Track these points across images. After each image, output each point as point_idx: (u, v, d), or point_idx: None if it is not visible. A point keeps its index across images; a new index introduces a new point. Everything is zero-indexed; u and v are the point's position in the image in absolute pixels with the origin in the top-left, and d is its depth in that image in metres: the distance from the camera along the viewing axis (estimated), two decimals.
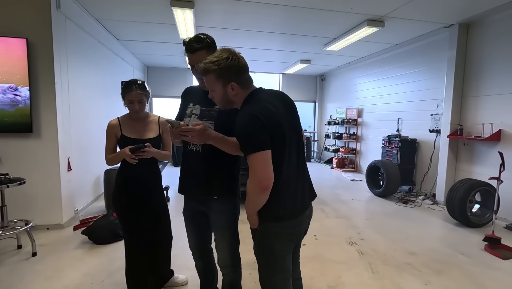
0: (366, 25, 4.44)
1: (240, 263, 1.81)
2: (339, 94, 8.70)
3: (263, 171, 1.24)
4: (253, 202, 1.32)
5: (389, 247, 3.13)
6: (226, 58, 1.29)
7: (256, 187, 1.26)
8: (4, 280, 2.40)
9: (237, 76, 1.33)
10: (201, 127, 1.43)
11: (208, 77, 1.33)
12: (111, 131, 1.99)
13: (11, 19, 3.14)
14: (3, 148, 3.25)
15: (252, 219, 1.38)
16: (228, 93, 1.35)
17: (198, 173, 1.63)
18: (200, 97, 1.68)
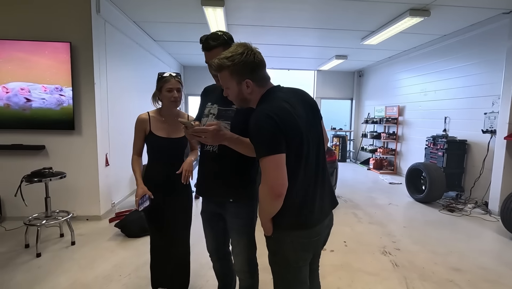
0: (409, 15, 4.05)
1: (257, 269, 1.74)
2: (378, 91, 8.17)
3: (276, 176, 1.15)
4: (265, 209, 1.24)
5: (429, 260, 2.83)
6: (241, 54, 1.21)
7: (268, 193, 1.17)
8: (45, 265, 2.60)
9: (253, 73, 1.24)
10: (214, 127, 1.36)
11: (222, 73, 1.26)
12: (140, 126, 1.91)
13: (57, 25, 3.40)
14: (49, 142, 3.55)
15: (266, 226, 1.29)
16: (243, 91, 1.27)
17: (215, 175, 1.59)
18: (218, 96, 1.62)
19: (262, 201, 1.23)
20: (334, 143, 8.97)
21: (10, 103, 3.39)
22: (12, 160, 3.50)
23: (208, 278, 2.43)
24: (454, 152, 4.92)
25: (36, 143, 3.51)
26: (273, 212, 1.23)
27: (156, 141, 1.90)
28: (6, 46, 3.31)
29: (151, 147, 1.93)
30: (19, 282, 2.33)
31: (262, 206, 1.25)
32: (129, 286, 2.31)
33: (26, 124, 3.44)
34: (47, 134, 3.53)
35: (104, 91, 3.81)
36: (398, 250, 3.03)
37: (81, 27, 3.43)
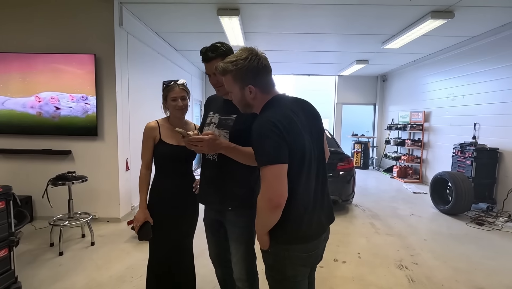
0: (430, 17, 3.89)
1: (256, 278, 1.72)
2: (403, 96, 7.86)
3: (276, 186, 1.11)
4: (263, 220, 1.20)
5: (450, 277, 2.65)
6: (245, 59, 1.20)
7: (266, 204, 1.14)
8: (66, 264, 2.77)
9: (256, 79, 1.22)
10: (210, 137, 1.39)
11: (226, 77, 1.25)
12: (150, 134, 1.85)
13: (83, 38, 3.65)
14: (75, 148, 3.79)
15: (262, 240, 1.25)
16: (245, 96, 1.25)
17: (214, 182, 1.61)
18: (219, 106, 1.66)
19: (259, 212, 1.19)
20: (355, 150, 8.72)
21: (41, 112, 3.68)
22: (42, 163, 3.77)
23: (215, 283, 2.44)
24: (484, 161, 4.60)
25: (63, 148, 3.77)
26: (270, 225, 1.19)
27: (166, 149, 1.83)
28: (39, 59, 3.61)
29: (160, 155, 1.85)
30: (41, 279, 2.49)
31: (260, 217, 1.21)
32: (138, 288, 2.39)
33: (54, 131, 3.71)
34: (73, 140, 3.77)
35: (125, 100, 4.02)
36: (416, 264, 2.87)
37: (105, 39, 3.66)
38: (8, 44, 3.65)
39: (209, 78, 1.60)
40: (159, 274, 1.92)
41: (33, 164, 3.78)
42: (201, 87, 8.93)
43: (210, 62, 1.54)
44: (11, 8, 3.62)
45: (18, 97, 3.66)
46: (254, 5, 3.86)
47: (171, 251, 1.90)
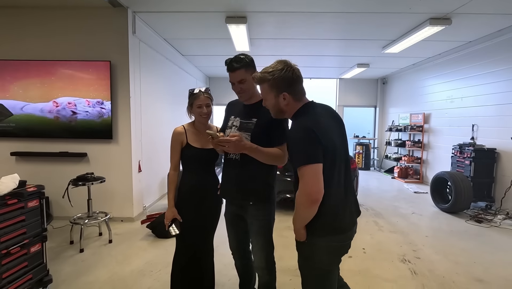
0: (429, 24, 4.08)
1: (274, 266, 1.89)
2: (402, 98, 8.04)
3: (314, 183, 1.24)
4: (301, 215, 1.32)
5: (450, 269, 2.81)
6: (281, 70, 1.36)
7: (306, 200, 1.26)
8: (87, 260, 2.93)
9: (290, 87, 1.38)
10: (236, 138, 1.57)
11: (263, 86, 1.42)
12: (178, 138, 1.97)
13: (99, 46, 3.83)
14: (91, 150, 3.96)
15: (300, 233, 1.36)
16: (279, 103, 1.40)
17: (237, 180, 1.77)
18: (240, 110, 1.84)
19: (298, 207, 1.31)
20: (357, 151, 8.89)
21: (59, 116, 3.85)
22: (59, 165, 3.94)
23: (230, 276, 2.61)
24: (482, 161, 4.77)
25: (80, 151, 3.94)
26: (308, 218, 1.31)
27: (193, 152, 1.97)
28: (57, 66, 3.79)
29: (188, 157, 1.99)
30: (67, 273, 2.65)
31: (299, 212, 1.32)
32: (160, 280, 2.55)
33: (71, 134, 3.88)
34: (89, 143, 3.94)
35: (138, 104, 4.19)
36: (418, 258, 3.04)
37: (119, 47, 3.84)
38: (28, 52, 3.83)
39: (232, 86, 1.76)
40: (183, 266, 2.05)
41: (50, 166, 3.94)
42: None
43: (234, 72, 1.70)
44: (32, 19, 3.81)
45: (36, 103, 3.83)
46: (261, 13, 4.05)
47: (197, 243, 2.04)
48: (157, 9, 3.92)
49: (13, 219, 1.95)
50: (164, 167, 5.17)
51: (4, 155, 3.89)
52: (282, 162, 1.72)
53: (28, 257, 2.07)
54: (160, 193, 5.23)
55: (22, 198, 2.01)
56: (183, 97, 6.83)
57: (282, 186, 4.47)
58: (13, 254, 1.94)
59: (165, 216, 1.97)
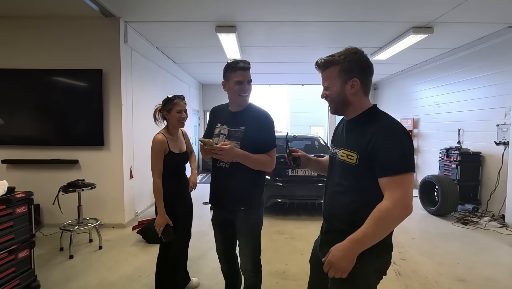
0: (412, 32, 4.23)
1: (260, 269, 1.93)
2: (393, 103, 8.20)
3: (411, 194, 1.10)
4: (386, 229, 1.10)
5: (434, 270, 2.88)
6: (354, 53, 1.18)
7: (403, 211, 1.07)
8: (76, 266, 2.95)
9: (362, 74, 1.19)
10: (229, 146, 1.60)
11: (329, 71, 1.21)
12: (162, 147, 2.01)
13: (91, 54, 3.90)
14: (83, 157, 4.00)
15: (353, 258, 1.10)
16: (346, 91, 1.19)
17: (228, 188, 1.80)
18: (226, 118, 1.84)
19: (388, 221, 1.07)
20: None
21: (51, 123, 3.89)
22: (51, 172, 3.96)
23: (218, 280, 2.65)
24: (468, 164, 4.89)
25: (71, 158, 3.97)
26: (387, 233, 1.12)
27: (174, 158, 2.10)
28: (51, 74, 3.85)
29: (170, 164, 2.08)
30: (56, 279, 2.67)
31: (385, 226, 1.08)
32: (148, 285, 2.58)
33: (62, 141, 3.92)
34: (80, 150, 3.98)
35: (129, 111, 4.25)
36: (403, 260, 3.10)
37: (111, 56, 3.91)
38: (22, 61, 3.88)
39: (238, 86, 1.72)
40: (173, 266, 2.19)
41: (42, 173, 3.96)
42: (199, 98, 9.21)
43: (247, 71, 1.73)
44: (27, 29, 3.88)
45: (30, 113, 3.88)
46: (249, 23, 4.17)
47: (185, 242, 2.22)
48: (148, 19, 4.01)
49: (0, 225, 1.98)
50: None
51: None
52: (270, 167, 1.78)
53: (16, 262, 2.10)
54: (152, 199, 5.20)
55: (10, 204, 2.05)
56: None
57: (273, 190, 4.54)
58: (1, 259, 1.97)
59: (157, 224, 2.02)
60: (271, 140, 1.77)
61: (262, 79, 8.62)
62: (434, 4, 3.49)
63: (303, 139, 6.05)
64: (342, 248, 1.11)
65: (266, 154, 1.75)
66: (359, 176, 1.18)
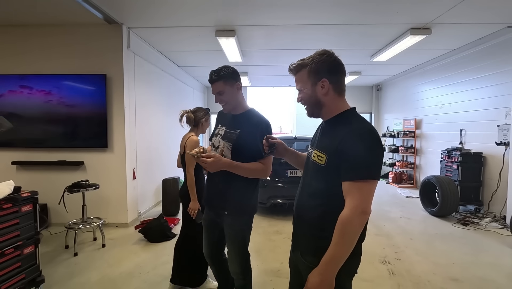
0: (410, 34, 4.24)
1: (249, 272, 1.96)
2: (396, 104, 8.18)
3: (370, 201, 1.09)
4: (351, 239, 1.08)
5: (428, 270, 2.90)
6: (321, 54, 1.20)
7: (360, 217, 1.07)
8: (80, 263, 3.07)
9: (330, 73, 1.19)
10: (212, 160, 1.61)
11: (300, 74, 1.24)
12: (197, 146, 2.28)
13: (95, 60, 4.06)
14: (88, 159, 4.15)
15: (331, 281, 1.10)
16: (317, 92, 1.21)
17: (216, 188, 1.87)
18: (227, 120, 1.92)
19: (349, 231, 1.07)
20: None
21: (58, 126, 4.05)
22: (57, 173, 4.12)
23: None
24: (469, 165, 4.86)
25: (77, 159, 4.12)
26: (353, 245, 1.09)
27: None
28: (57, 79, 4.01)
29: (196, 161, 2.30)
30: (60, 275, 2.80)
31: (349, 239, 1.07)
32: (147, 282, 2.68)
33: (69, 144, 4.08)
34: (85, 152, 4.13)
35: (132, 114, 4.39)
36: (398, 260, 3.13)
37: (114, 61, 4.06)
38: (30, 67, 4.07)
39: (215, 98, 1.86)
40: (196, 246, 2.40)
41: (49, 174, 4.13)
42: (203, 100, 9.36)
43: (213, 84, 1.81)
44: (34, 36, 4.06)
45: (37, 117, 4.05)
46: (248, 27, 4.26)
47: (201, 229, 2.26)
48: (150, 25, 4.15)
49: (7, 222, 2.11)
50: (158, 175, 5.34)
51: (6, 164, 4.09)
52: (264, 175, 1.78)
53: (22, 258, 2.23)
54: (156, 200, 5.39)
55: (16, 203, 2.18)
56: (180, 107, 7.05)
57: (273, 191, 4.61)
58: (7, 254, 2.10)
59: (192, 208, 2.31)
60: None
61: (265, 81, 8.71)
62: (429, 6, 3.52)
63: (304, 140, 6.10)
64: (319, 273, 1.10)
65: (259, 161, 1.75)
66: (327, 178, 1.18)
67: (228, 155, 1.79)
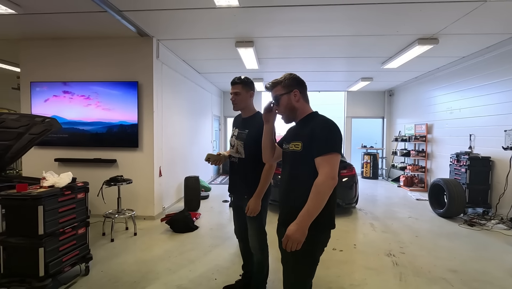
0: (418, 44, 4.51)
1: (266, 248, 2.33)
2: (408, 109, 8.35)
3: (337, 169, 1.44)
4: (322, 202, 1.41)
5: (430, 262, 3.15)
6: (290, 74, 1.68)
7: (330, 182, 1.40)
8: (117, 247, 3.51)
9: (300, 86, 1.64)
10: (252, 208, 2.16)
11: (276, 88, 1.65)
12: None
13: (129, 68, 4.55)
14: (120, 157, 4.62)
15: (305, 230, 1.41)
16: (291, 100, 1.62)
17: (236, 178, 2.32)
18: (239, 122, 2.38)
19: (322, 192, 1.40)
20: (365, 161, 9.17)
21: (95, 128, 4.56)
22: (93, 170, 4.61)
23: (234, 262, 3.08)
24: (477, 168, 5.03)
25: (110, 158, 4.61)
26: (322, 205, 1.41)
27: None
28: (96, 86, 4.53)
29: None
30: (102, 256, 3.24)
31: (320, 199, 1.40)
32: (175, 264, 3.08)
33: (104, 144, 4.57)
34: (118, 151, 4.61)
35: (159, 117, 4.85)
36: (403, 253, 3.39)
37: (145, 69, 4.54)
38: (73, 75, 4.60)
39: (231, 96, 2.29)
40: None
41: (86, 170, 4.62)
42: (220, 105, 9.83)
43: (233, 85, 2.26)
44: (74, 48, 4.60)
45: (77, 119, 4.57)
46: (265, 38, 4.65)
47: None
48: (177, 37, 4.60)
49: (67, 206, 2.55)
50: (180, 173, 5.78)
51: (50, 160, 4.62)
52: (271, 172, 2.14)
53: (76, 237, 2.66)
54: (177, 196, 5.82)
55: (73, 190, 2.62)
56: (199, 110, 7.48)
57: None
58: (67, 233, 2.54)
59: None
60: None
61: None
62: (435, 19, 3.79)
63: None
64: (295, 223, 1.43)
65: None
66: (304, 162, 1.52)
67: (242, 151, 2.23)
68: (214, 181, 8.40)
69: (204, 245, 3.61)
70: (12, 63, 5.81)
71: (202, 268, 2.99)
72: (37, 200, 2.26)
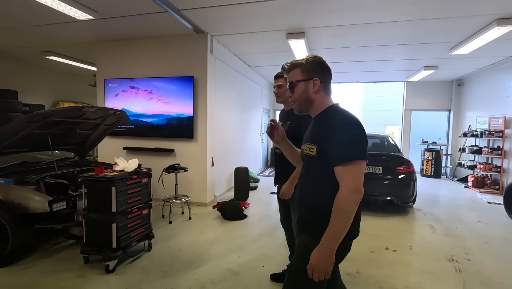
0: (496, 25, 3.93)
1: None
2: (481, 101, 7.36)
3: (361, 180, 1.19)
4: (349, 218, 1.19)
5: (501, 273, 2.80)
6: (314, 57, 1.35)
7: (353, 195, 1.17)
8: (174, 229, 3.85)
9: (322, 74, 1.33)
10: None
11: (294, 72, 1.35)
12: None
13: (185, 64, 4.86)
14: (177, 147, 5.00)
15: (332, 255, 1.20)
16: (309, 90, 1.32)
17: (280, 168, 2.39)
18: (282, 115, 2.46)
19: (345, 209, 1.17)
20: (425, 158, 8.40)
21: (156, 121, 5.00)
22: (154, 158, 5.07)
23: (282, 252, 3.14)
24: None
25: (169, 147, 5.01)
26: (349, 224, 1.19)
27: None
28: (155, 82, 4.95)
29: None
30: (162, 236, 3.59)
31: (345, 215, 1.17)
32: (226, 248, 3.26)
33: (163, 134, 4.99)
34: (176, 141, 4.99)
35: (213, 110, 5.10)
36: (468, 260, 3.07)
37: (200, 64, 4.80)
38: (138, 71, 5.10)
39: (275, 88, 2.40)
40: None
41: (148, 158, 5.09)
42: (269, 98, 9.90)
43: (276, 79, 2.36)
44: (138, 47, 5.07)
45: (141, 112, 5.06)
46: (317, 28, 4.52)
47: None
48: (230, 32, 4.75)
49: (134, 189, 2.88)
50: (231, 164, 6.02)
51: (119, 148, 5.22)
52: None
53: (141, 216, 3.00)
54: (227, 186, 6.08)
55: (139, 175, 2.94)
56: (249, 103, 7.66)
57: None
58: (134, 212, 2.87)
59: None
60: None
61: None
62: None
63: (370, 137, 6.06)
64: (318, 249, 1.21)
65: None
66: (320, 167, 1.29)
67: None
68: (263, 173, 8.55)
69: (253, 233, 3.74)
70: (90, 63, 6.65)
71: (250, 254, 3.12)
72: (111, 182, 2.60)
